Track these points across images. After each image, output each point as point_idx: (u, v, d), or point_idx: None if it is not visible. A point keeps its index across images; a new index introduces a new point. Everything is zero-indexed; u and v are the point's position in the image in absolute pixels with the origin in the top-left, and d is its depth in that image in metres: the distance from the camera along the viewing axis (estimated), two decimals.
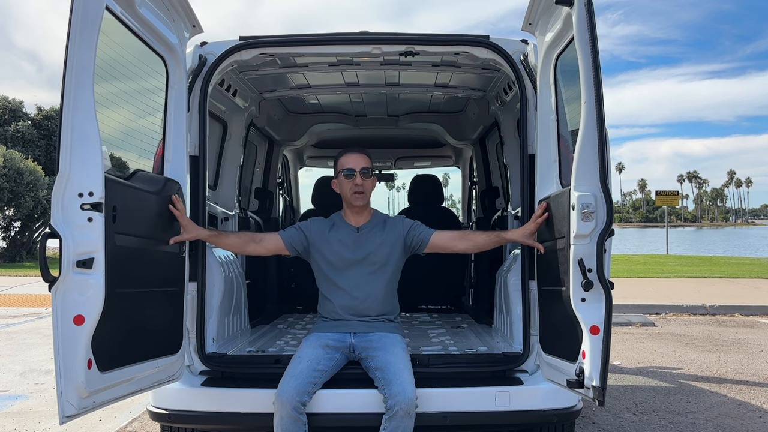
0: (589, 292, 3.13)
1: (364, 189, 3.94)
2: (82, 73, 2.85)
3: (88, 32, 2.87)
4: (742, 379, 6.98)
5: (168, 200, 3.66)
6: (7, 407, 5.96)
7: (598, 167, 3.13)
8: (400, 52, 4.35)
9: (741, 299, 12.47)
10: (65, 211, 2.85)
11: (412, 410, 3.48)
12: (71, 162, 2.84)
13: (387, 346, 3.78)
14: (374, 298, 3.94)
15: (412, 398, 3.49)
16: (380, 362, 3.69)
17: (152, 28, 3.55)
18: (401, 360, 3.69)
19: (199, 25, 3.95)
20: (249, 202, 6.63)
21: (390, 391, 3.52)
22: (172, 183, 3.76)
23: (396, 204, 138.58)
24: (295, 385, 3.57)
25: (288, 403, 3.50)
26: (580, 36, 3.12)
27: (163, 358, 3.57)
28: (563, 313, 3.37)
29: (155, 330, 3.53)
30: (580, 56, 3.12)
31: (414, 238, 4.01)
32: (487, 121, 6.14)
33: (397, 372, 3.59)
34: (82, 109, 2.84)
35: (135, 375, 3.33)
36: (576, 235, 3.17)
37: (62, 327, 2.85)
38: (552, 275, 3.54)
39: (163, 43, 3.70)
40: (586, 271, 3.12)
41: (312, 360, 3.71)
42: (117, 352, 3.16)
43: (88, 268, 2.86)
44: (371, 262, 3.94)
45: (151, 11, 3.50)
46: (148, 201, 3.48)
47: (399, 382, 3.53)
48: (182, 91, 3.85)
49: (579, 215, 3.13)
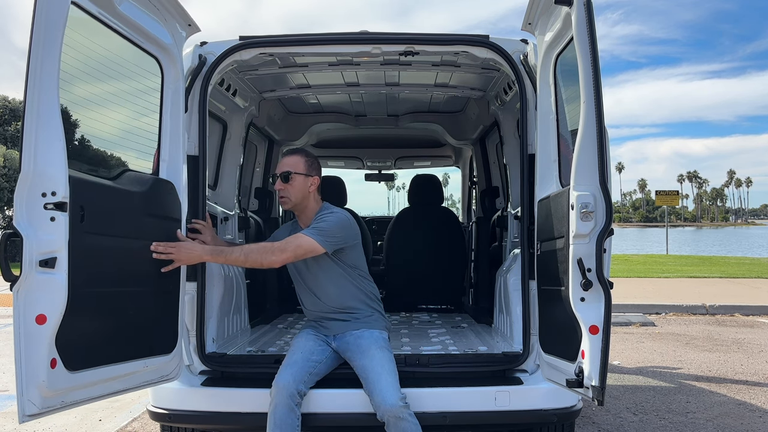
0: (588, 291, 3.13)
1: (285, 194, 3.94)
2: (46, 74, 2.83)
3: (52, 33, 2.83)
4: (742, 379, 6.99)
5: (159, 199, 3.65)
6: (7, 407, 5.96)
7: (597, 167, 3.13)
8: (400, 51, 4.35)
9: (741, 299, 12.47)
10: (29, 211, 2.84)
11: (401, 412, 3.46)
12: (35, 162, 2.84)
13: (363, 348, 3.76)
14: (328, 294, 3.95)
15: (395, 404, 3.47)
16: (359, 369, 3.70)
17: (139, 28, 3.53)
18: (378, 363, 3.66)
19: (195, 24, 3.93)
20: (249, 202, 6.63)
21: (373, 402, 3.53)
22: (164, 183, 3.74)
23: (396, 204, 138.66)
24: (292, 372, 3.60)
25: (285, 389, 3.52)
26: (579, 36, 3.12)
27: (152, 357, 3.56)
28: (563, 312, 3.37)
29: (140, 329, 3.51)
30: (580, 56, 3.12)
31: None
32: (487, 121, 6.14)
33: (375, 379, 3.58)
34: (46, 111, 2.84)
35: (116, 374, 3.31)
36: (575, 234, 3.17)
37: (24, 326, 2.83)
38: (551, 275, 3.54)
39: (155, 43, 3.69)
40: (585, 270, 3.12)
41: (306, 350, 3.76)
42: (89, 351, 3.14)
43: (50, 267, 2.86)
44: (315, 260, 3.91)
45: (136, 10, 3.48)
46: (131, 201, 3.46)
47: (378, 391, 3.52)
48: (178, 90, 3.84)
49: (578, 215, 3.13)
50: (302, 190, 3.95)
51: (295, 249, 3.75)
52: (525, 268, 3.98)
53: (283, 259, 3.76)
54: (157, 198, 3.65)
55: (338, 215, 3.92)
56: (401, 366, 3.88)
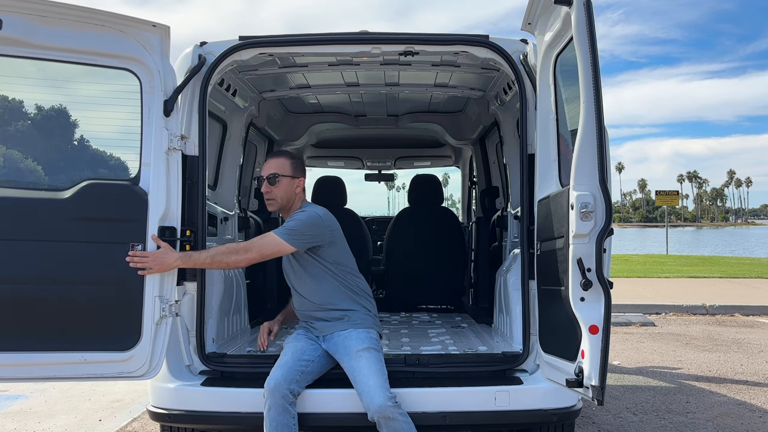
0: (588, 291, 3.13)
1: (272, 196, 3.99)
2: None
3: None
4: (742, 379, 6.99)
5: (101, 203, 3.72)
6: (7, 407, 5.96)
7: (597, 167, 3.13)
8: (399, 51, 4.35)
9: (741, 299, 12.47)
10: None
11: (390, 412, 3.47)
12: None
13: (350, 350, 3.76)
14: (312, 291, 3.98)
15: (383, 404, 3.47)
16: (347, 370, 3.71)
17: (84, 51, 3.69)
18: (365, 364, 3.66)
19: (161, 24, 3.82)
20: (249, 202, 6.63)
21: (363, 404, 3.55)
22: (117, 187, 3.80)
23: (396, 204, 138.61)
24: (282, 373, 3.61)
25: (276, 391, 3.53)
26: (578, 36, 3.12)
27: (95, 352, 3.67)
28: (563, 312, 3.37)
29: (71, 324, 3.65)
30: (579, 56, 3.12)
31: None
32: (487, 121, 6.13)
33: (363, 381, 3.59)
34: None
35: (31, 362, 3.61)
36: (575, 234, 3.17)
37: None
38: (551, 275, 3.54)
39: (119, 58, 3.76)
40: (585, 270, 3.12)
41: (296, 351, 3.78)
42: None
43: None
44: (297, 260, 3.98)
45: (68, 35, 3.65)
46: (50, 207, 3.68)
47: (366, 392, 3.54)
48: (159, 94, 3.81)
49: (578, 215, 3.14)
50: (289, 191, 4.00)
51: (260, 248, 3.82)
52: (525, 268, 3.97)
53: (248, 259, 3.83)
54: (97, 202, 3.71)
55: (308, 213, 3.95)
56: (401, 366, 3.89)
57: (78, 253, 3.67)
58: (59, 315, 3.66)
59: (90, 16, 3.68)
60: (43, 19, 3.60)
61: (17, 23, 3.55)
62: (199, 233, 3.93)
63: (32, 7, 3.58)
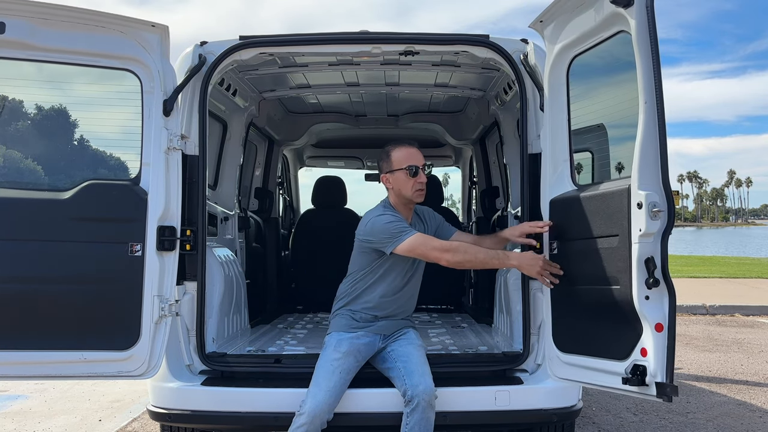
0: (653, 290, 3.16)
1: (424, 186, 3.93)
2: None
3: None
4: (742, 379, 6.99)
5: (100, 203, 3.74)
6: (7, 407, 5.97)
7: (660, 167, 3.14)
8: (399, 51, 4.34)
9: (741, 299, 12.47)
10: None
11: (434, 401, 3.51)
12: None
13: (411, 339, 3.86)
14: (411, 294, 4.02)
15: (433, 389, 3.52)
16: (401, 353, 3.73)
17: (84, 52, 3.71)
18: (420, 353, 3.75)
19: (160, 24, 3.83)
20: (249, 202, 6.63)
21: (411, 382, 3.54)
22: (116, 187, 3.81)
23: None
24: (329, 401, 3.52)
25: (318, 418, 3.47)
26: (640, 37, 3.10)
27: (95, 351, 3.69)
28: (610, 311, 3.36)
29: (70, 324, 3.68)
30: (640, 58, 3.11)
31: (441, 235, 4.06)
32: (487, 121, 6.13)
33: (418, 363, 3.64)
34: None
35: (31, 360, 3.64)
36: (643, 233, 3.15)
37: None
38: (596, 274, 3.48)
39: (119, 59, 3.78)
40: (652, 269, 3.14)
41: (344, 371, 3.66)
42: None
43: None
44: (420, 262, 3.97)
45: (68, 37, 3.67)
46: (49, 208, 3.71)
47: (420, 373, 3.57)
48: (159, 94, 3.82)
49: (648, 214, 3.12)
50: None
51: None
52: None
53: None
54: (97, 202, 3.74)
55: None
56: None
57: (78, 252, 3.69)
58: (59, 314, 3.69)
59: (90, 17, 3.70)
60: (44, 22, 3.64)
61: (19, 26, 3.59)
62: (199, 233, 3.92)
63: (34, 10, 3.61)
